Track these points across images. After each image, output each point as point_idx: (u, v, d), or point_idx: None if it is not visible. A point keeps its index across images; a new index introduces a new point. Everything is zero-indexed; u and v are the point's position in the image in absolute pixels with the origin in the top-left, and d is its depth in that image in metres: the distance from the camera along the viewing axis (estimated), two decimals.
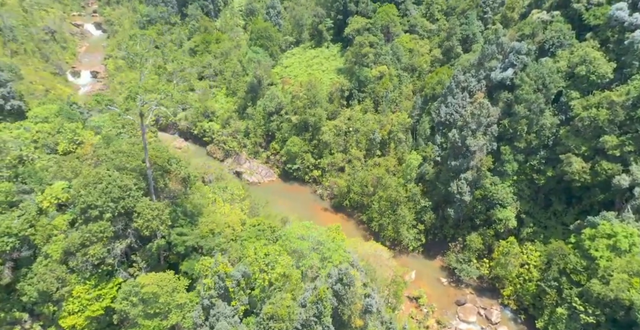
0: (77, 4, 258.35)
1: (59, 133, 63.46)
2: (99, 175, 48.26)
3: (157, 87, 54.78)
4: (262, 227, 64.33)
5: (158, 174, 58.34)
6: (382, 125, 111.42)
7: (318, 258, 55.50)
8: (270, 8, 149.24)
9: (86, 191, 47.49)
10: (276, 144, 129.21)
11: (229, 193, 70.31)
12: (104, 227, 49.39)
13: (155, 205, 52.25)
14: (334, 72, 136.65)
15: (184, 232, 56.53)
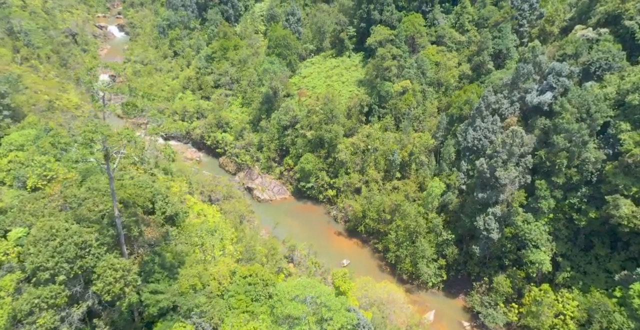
0: (103, 5, 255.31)
1: (28, 167, 56.08)
2: (53, 231, 40.59)
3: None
4: (254, 280, 55.55)
5: (132, 221, 50.30)
6: (403, 145, 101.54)
7: (315, 320, 46.69)
8: (290, 15, 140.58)
9: (36, 249, 39.75)
10: (290, 160, 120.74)
11: (217, 238, 61.93)
12: (55, 292, 41.05)
13: (120, 264, 43.90)
14: (355, 84, 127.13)
15: (159, 290, 48.18)
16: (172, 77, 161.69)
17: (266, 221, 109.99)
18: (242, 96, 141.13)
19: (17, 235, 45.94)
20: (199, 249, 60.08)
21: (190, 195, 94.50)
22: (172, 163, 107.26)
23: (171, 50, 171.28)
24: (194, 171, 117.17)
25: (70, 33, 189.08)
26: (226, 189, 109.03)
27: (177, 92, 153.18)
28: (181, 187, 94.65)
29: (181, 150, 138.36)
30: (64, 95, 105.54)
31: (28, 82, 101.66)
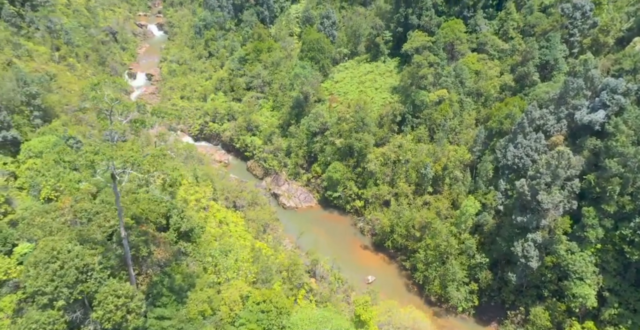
0: (145, 4, 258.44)
1: (43, 176, 53.95)
2: (54, 252, 37.79)
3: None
4: (267, 307, 51.31)
5: (141, 241, 47.22)
6: (437, 158, 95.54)
7: None
8: (325, 18, 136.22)
9: (35, 272, 37.09)
10: (318, 167, 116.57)
11: (232, 258, 58.20)
12: (53, 318, 38.44)
13: (123, 290, 40.71)
14: (388, 90, 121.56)
15: (166, 315, 44.88)
16: (206, 77, 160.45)
17: (290, 229, 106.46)
18: (273, 99, 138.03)
19: (22, 250, 43.78)
20: (212, 268, 56.76)
21: (214, 202, 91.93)
22: (199, 166, 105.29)
23: (206, 50, 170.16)
24: (220, 175, 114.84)
25: (110, 31, 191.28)
26: (251, 195, 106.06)
27: (209, 93, 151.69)
28: (205, 192, 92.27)
29: (210, 152, 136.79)
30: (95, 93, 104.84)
31: (63, 81, 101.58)
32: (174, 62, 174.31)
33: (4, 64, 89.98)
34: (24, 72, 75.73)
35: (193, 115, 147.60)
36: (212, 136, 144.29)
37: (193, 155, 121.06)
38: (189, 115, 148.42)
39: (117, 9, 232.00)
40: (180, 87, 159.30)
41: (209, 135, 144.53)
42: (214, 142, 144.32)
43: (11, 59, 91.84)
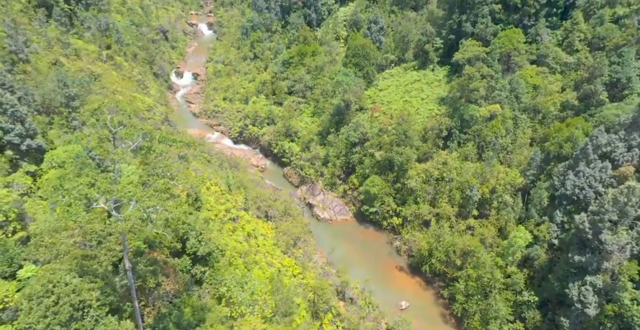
0: (197, 3, 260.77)
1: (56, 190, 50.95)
2: (50, 285, 34.11)
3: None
4: None
5: (149, 271, 43.07)
6: (485, 179, 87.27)
7: None
8: (373, 23, 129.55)
9: (29, 306, 33.64)
10: (355, 179, 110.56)
11: (248, 291, 53.36)
12: None
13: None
14: (435, 101, 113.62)
15: None
16: (249, 79, 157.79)
17: (323, 243, 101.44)
18: (314, 105, 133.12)
19: (26, 274, 40.89)
20: (225, 300, 52.21)
21: (244, 212, 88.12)
22: (234, 173, 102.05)
23: (251, 52, 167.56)
24: (255, 181, 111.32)
25: (161, 30, 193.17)
26: (285, 205, 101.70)
27: (251, 95, 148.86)
28: (237, 201, 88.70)
29: (248, 156, 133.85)
30: (138, 96, 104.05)
31: (107, 81, 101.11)
32: (220, 63, 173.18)
33: (51, 63, 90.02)
34: (65, 73, 74.61)
35: (234, 118, 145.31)
36: (251, 139, 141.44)
37: (229, 160, 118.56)
38: (230, 118, 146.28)
39: (170, 7, 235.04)
40: (224, 88, 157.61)
41: (248, 138, 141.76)
42: (253, 146, 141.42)
43: (58, 58, 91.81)
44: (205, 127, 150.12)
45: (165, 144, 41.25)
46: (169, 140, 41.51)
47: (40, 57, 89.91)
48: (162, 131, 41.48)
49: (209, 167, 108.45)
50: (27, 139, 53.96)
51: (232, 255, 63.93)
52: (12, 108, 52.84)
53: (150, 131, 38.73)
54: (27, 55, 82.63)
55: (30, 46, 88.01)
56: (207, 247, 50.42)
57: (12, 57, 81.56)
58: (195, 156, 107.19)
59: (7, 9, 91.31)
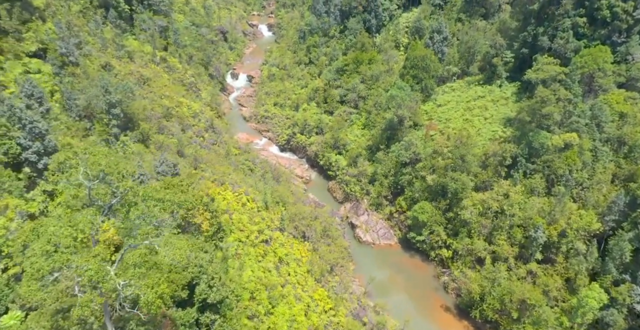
0: (259, 4, 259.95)
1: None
2: None
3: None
4: None
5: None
6: (553, 219, 75.31)
7: None
8: (436, 32, 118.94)
9: None
10: (404, 201, 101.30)
11: None
12: None
13: None
14: (500, 122, 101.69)
15: None
16: (302, 85, 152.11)
17: (362, 269, 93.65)
18: (366, 117, 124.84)
19: (9, 322, 36.58)
20: None
21: (279, 233, 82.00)
22: (274, 187, 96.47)
23: (307, 57, 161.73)
24: (296, 196, 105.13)
25: (221, 30, 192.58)
26: (324, 225, 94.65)
27: (302, 102, 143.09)
28: (272, 220, 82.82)
29: (293, 166, 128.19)
30: (185, 101, 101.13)
31: (156, 85, 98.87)
32: (275, 66, 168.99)
33: (101, 66, 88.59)
34: (108, 79, 71.95)
35: (282, 125, 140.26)
36: (298, 148, 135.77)
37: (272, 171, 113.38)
38: (279, 124, 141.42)
39: (233, 7, 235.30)
40: (276, 93, 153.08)
41: (295, 147, 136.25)
42: (300, 155, 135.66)
43: (109, 61, 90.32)
44: (254, 132, 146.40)
45: (149, 204, 34.69)
46: (153, 200, 35.18)
47: (92, 59, 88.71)
48: (148, 187, 35.17)
49: (250, 177, 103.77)
50: (45, 157, 50.83)
51: (257, 288, 57.79)
52: (31, 124, 49.95)
53: (133, 187, 32.57)
54: (77, 58, 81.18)
55: (83, 48, 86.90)
56: (220, 293, 44.08)
57: (63, 59, 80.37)
58: (238, 166, 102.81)
59: (64, 10, 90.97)
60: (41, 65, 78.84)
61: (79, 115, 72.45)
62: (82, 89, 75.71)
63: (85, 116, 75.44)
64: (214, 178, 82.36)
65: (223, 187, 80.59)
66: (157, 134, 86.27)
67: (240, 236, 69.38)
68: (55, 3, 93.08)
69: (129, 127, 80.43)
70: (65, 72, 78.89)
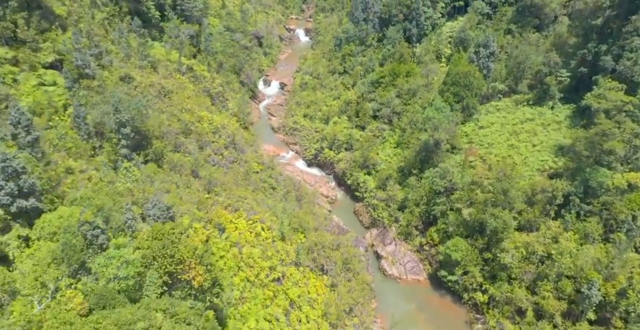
0: (299, 7, 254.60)
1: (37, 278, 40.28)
2: None
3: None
4: None
5: None
6: (611, 274, 64.57)
7: None
8: (482, 47, 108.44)
9: None
10: (435, 233, 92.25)
11: None
12: None
13: None
14: (551, 150, 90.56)
15: None
16: (334, 96, 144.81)
17: (386, 306, 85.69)
18: (400, 135, 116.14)
19: None
20: None
21: (295, 268, 75.10)
22: (295, 211, 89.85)
23: (342, 66, 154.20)
24: (319, 218, 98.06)
25: (256, 35, 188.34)
26: (346, 256, 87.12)
27: (333, 115, 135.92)
28: (288, 252, 76.07)
29: (319, 184, 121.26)
30: (207, 115, 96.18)
31: (178, 98, 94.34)
32: (308, 74, 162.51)
33: (120, 78, 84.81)
34: (120, 96, 67.38)
35: (311, 138, 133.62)
36: (325, 164, 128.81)
37: (296, 189, 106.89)
38: (307, 137, 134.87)
39: (271, 11, 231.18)
40: (307, 103, 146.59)
41: (322, 162, 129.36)
42: (327, 171, 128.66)
43: (129, 73, 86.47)
44: (281, 144, 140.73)
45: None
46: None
47: (112, 70, 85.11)
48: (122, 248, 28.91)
49: (270, 198, 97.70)
50: (20, 199, 46.05)
51: None
52: (3, 163, 45.11)
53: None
54: (94, 70, 77.47)
55: (103, 59, 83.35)
56: None
57: (80, 71, 76.88)
58: (258, 185, 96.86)
59: (88, 17, 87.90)
60: (57, 77, 75.82)
61: (88, 133, 68.38)
62: (94, 104, 71.72)
63: (95, 133, 71.42)
64: (228, 203, 76.63)
65: (237, 214, 74.68)
66: (173, 152, 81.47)
67: (249, 274, 63.11)
68: (80, 10, 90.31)
69: (143, 145, 75.93)
70: (80, 85, 75.25)
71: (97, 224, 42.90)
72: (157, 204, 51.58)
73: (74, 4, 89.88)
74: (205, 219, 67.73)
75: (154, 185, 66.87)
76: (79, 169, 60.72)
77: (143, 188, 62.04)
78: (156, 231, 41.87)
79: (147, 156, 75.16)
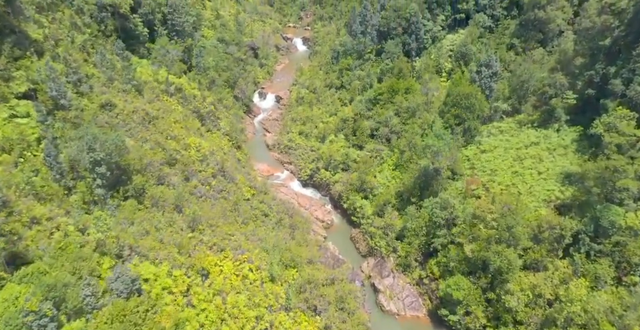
0: (296, 15, 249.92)
1: None
2: None
3: None
4: None
5: None
6: (625, 326, 59.66)
7: None
8: (484, 66, 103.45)
9: None
10: (436, 266, 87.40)
11: None
12: None
13: None
14: (558, 178, 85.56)
15: None
16: (331, 112, 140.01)
17: None
18: (398, 156, 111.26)
19: None
20: None
21: (284, 314, 70.17)
22: (286, 247, 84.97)
23: (339, 80, 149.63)
24: (311, 249, 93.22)
25: (252, 47, 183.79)
26: (340, 294, 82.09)
27: (329, 132, 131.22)
28: (278, 294, 71.19)
29: (314, 207, 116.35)
30: (194, 141, 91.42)
31: (163, 124, 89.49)
32: (304, 88, 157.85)
33: (100, 105, 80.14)
34: (93, 135, 62.57)
35: (306, 158, 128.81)
36: (321, 185, 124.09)
37: (290, 215, 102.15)
38: (302, 156, 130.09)
39: (268, 19, 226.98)
40: (302, 119, 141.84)
41: (318, 183, 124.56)
42: (323, 192, 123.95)
43: (110, 100, 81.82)
44: (276, 163, 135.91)
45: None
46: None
47: (92, 97, 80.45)
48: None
49: (262, 227, 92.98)
50: None
51: None
52: None
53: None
54: (70, 100, 72.84)
55: (81, 86, 78.72)
56: None
57: (55, 102, 72.27)
58: (249, 213, 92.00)
59: (65, 42, 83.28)
60: (30, 108, 71.04)
61: (60, 172, 63.69)
62: (69, 139, 67.08)
63: (71, 169, 66.75)
64: (214, 242, 71.87)
65: (223, 255, 69.94)
66: (156, 185, 76.78)
67: (232, 328, 58.19)
68: (60, 32, 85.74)
69: (122, 180, 71.32)
70: (55, 117, 70.64)
71: (44, 312, 38.02)
72: (121, 276, 46.51)
73: (52, 25, 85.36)
74: (186, 265, 62.95)
75: (132, 227, 62.18)
76: (47, 217, 55.95)
77: (117, 236, 57.27)
78: (117, 311, 37.22)
79: (126, 192, 70.56)
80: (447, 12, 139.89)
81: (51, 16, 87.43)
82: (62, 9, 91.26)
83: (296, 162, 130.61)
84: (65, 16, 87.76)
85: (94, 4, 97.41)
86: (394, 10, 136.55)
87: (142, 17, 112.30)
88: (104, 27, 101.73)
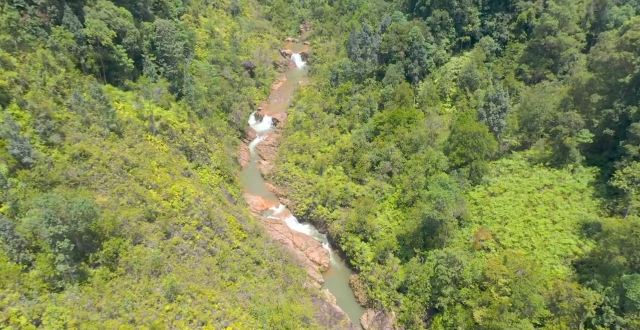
0: (295, 29, 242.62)
1: None
2: None
3: None
4: None
5: None
6: None
7: None
8: (492, 101, 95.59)
9: None
10: (442, 325, 79.85)
11: None
12: None
13: None
14: (575, 228, 78.03)
15: None
16: (329, 140, 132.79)
17: None
18: (400, 194, 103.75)
19: None
20: None
21: None
22: (278, 305, 77.68)
23: (338, 105, 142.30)
24: (304, 303, 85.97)
25: (247, 66, 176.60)
26: None
27: (327, 164, 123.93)
28: None
29: (310, 248, 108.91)
30: (178, 188, 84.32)
31: (144, 171, 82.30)
32: (302, 111, 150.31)
33: (73, 156, 73.16)
34: (54, 203, 55.65)
35: (303, 191, 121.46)
36: (319, 222, 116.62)
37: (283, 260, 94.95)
38: (298, 190, 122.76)
39: (266, 35, 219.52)
40: (299, 147, 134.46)
41: (315, 219, 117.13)
42: (320, 230, 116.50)
43: (84, 149, 74.87)
44: (271, 195, 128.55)
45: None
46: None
47: (63, 147, 73.56)
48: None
49: (253, 278, 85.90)
50: None
51: None
52: None
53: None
54: (35, 157, 65.92)
55: (50, 136, 71.86)
56: None
57: (17, 160, 65.36)
58: (237, 267, 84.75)
59: (35, 86, 76.47)
60: None
61: (18, 247, 56.73)
62: (30, 206, 60.08)
63: (32, 239, 59.80)
64: (194, 314, 64.65)
65: (204, 329, 62.65)
66: (133, 245, 69.72)
67: None
68: (32, 75, 78.93)
69: (92, 245, 64.34)
70: (17, 177, 63.71)
71: None
72: None
73: (22, 66, 78.56)
74: None
75: (97, 313, 55.05)
76: None
77: (77, 323, 50.21)
78: None
79: (96, 260, 63.49)
80: (452, 34, 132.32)
81: (22, 55, 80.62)
82: (36, 46, 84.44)
83: (292, 195, 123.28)
84: (38, 56, 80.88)
85: (72, 38, 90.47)
86: (396, 32, 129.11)
87: (127, 47, 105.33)
88: (84, 61, 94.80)
